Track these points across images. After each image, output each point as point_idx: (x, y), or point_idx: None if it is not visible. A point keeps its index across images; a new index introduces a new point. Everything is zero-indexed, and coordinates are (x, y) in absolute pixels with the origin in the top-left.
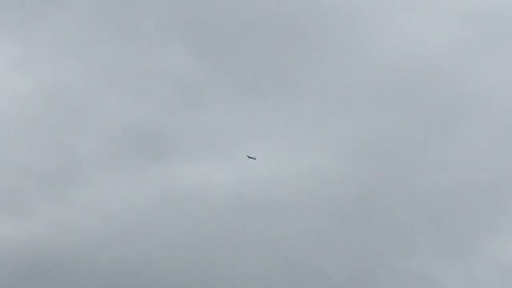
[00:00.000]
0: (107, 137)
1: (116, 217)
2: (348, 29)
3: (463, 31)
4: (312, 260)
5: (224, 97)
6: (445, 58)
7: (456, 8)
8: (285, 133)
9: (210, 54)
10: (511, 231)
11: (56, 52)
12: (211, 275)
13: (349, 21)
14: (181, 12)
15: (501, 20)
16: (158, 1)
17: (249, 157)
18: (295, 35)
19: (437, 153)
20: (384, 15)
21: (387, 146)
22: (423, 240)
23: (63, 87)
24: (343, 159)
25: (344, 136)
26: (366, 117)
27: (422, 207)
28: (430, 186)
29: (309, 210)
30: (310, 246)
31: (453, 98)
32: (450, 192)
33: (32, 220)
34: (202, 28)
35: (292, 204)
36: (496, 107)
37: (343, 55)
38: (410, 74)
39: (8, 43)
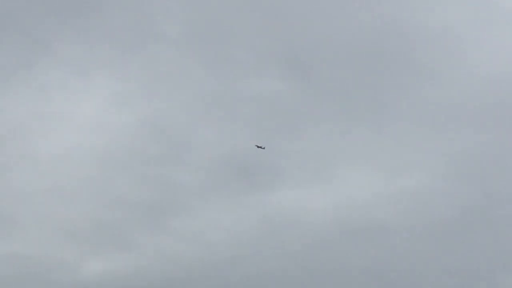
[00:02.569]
0: (206, 167)
1: (218, 246)
2: (443, 48)
3: None
4: (414, 282)
5: (320, 121)
6: None
7: None
8: (383, 155)
9: (305, 78)
10: None
11: (152, 84)
12: None
13: (444, 39)
14: (274, 38)
15: None
16: (250, 29)
17: (258, 147)
18: (389, 56)
19: None
20: (479, 33)
21: (486, 164)
22: None
23: (160, 119)
24: (442, 179)
25: (442, 155)
26: (464, 136)
27: None
28: None
29: (409, 232)
30: (411, 268)
31: None
32: None
33: (136, 252)
34: (295, 53)
35: (392, 226)
36: None
37: (439, 75)
38: (508, 91)
39: (104, 79)
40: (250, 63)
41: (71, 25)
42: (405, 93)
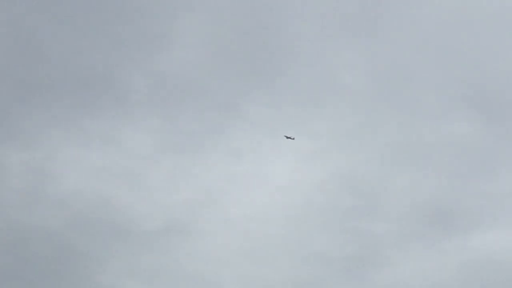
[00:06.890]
0: (401, 215)
1: None
2: None
3: None
4: None
5: None
6: None
7: None
8: None
9: (493, 118)
10: None
11: (341, 138)
12: None
13: None
14: (459, 79)
15: None
16: (433, 72)
17: (287, 137)
18: None
19: None
20: None
21: None
22: None
23: (352, 172)
24: None
25: None
26: None
27: None
28: None
29: None
30: None
31: None
32: None
33: None
34: (480, 92)
35: None
36: None
37: None
38: None
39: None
40: (437, 105)
41: (257, 87)
42: None
